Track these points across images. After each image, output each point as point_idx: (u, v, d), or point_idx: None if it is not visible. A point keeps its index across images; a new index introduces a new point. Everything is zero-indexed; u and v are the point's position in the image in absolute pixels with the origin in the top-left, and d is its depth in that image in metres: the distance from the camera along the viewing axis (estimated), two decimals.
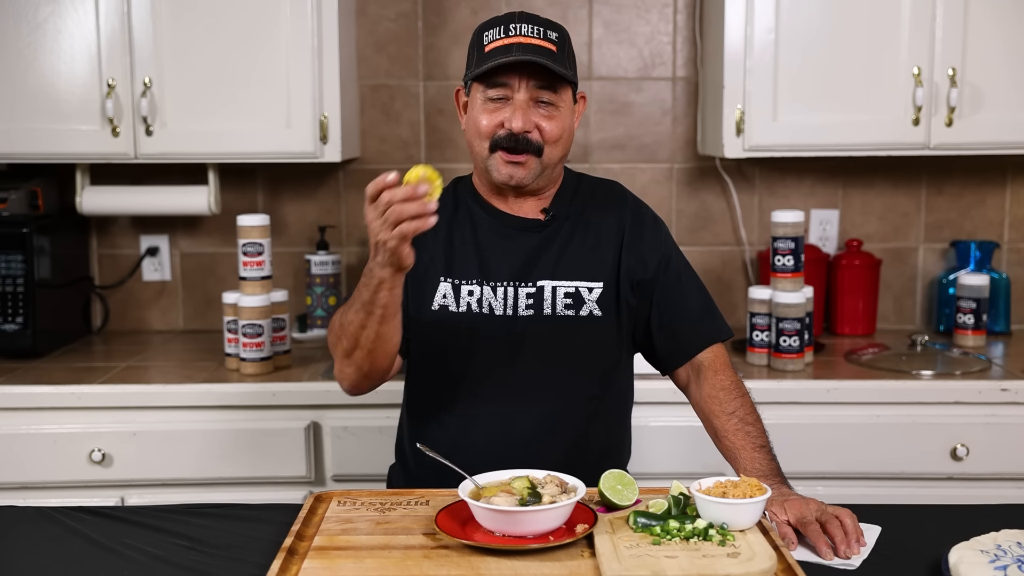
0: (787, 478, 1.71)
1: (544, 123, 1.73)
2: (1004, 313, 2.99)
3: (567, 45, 1.76)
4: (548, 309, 1.80)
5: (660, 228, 1.91)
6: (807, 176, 3.06)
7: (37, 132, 2.70)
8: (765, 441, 1.75)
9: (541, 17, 1.76)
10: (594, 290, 1.81)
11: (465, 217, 1.86)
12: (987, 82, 2.66)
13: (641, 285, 1.84)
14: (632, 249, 1.84)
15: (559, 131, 1.75)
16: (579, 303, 1.80)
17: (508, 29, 1.72)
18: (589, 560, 1.41)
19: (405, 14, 3.01)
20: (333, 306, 2.95)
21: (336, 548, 1.46)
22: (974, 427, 2.47)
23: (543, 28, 1.73)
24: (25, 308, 2.74)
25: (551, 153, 1.76)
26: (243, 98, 2.70)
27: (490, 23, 1.76)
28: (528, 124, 1.72)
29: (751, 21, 2.66)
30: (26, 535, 1.63)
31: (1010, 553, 1.40)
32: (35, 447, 2.47)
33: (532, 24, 1.73)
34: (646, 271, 1.84)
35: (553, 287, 1.80)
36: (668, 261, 1.87)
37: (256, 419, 2.51)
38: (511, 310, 1.79)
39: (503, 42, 1.71)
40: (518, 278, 1.80)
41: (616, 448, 1.91)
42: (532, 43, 1.70)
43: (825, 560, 1.49)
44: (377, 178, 1.50)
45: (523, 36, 1.71)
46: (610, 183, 1.95)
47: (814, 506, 1.57)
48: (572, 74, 1.75)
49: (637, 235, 1.86)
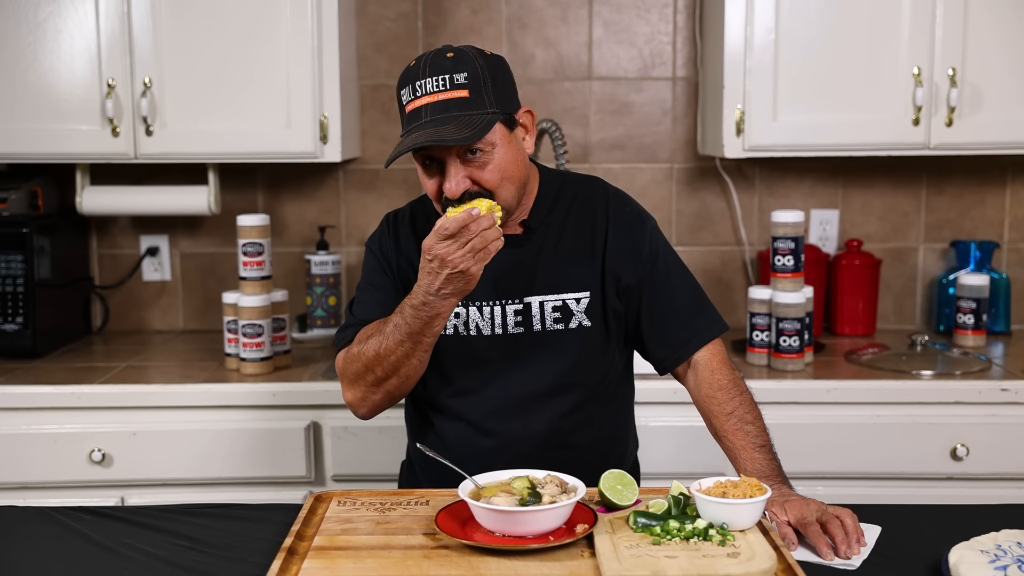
0: (788, 478, 1.71)
1: (479, 174, 1.66)
2: (1004, 313, 2.99)
3: (482, 78, 1.66)
4: (537, 325, 1.78)
5: (645, 224, 1.85)
6: (807, 176, 3.06)
7: (37, 132, 2.71)
8: (765, 440, 1.74)
9: (449, 57, 1.66)
10: (581, 300, 1.78)
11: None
12: (987, 82, 2.66)
13: (628, 291, 1.81)
14: (616, 253, 1.80)
15: (498, 175, 1.67)
16: (568, 316, 1.78)
17: (415, 89, 1.65)
18: (589, 560, 1.41)
19: (405, 14, 3.01)
20: (333, 307, 2.95)
21: (336, 548, 1.46)
22: (974, 427, 2.47)
23: (449, 75, 1.64)
24: (25, 308, 2.74)
25: (502, 194, 1.69)
26: (243, 98, 2.70)
27: (403, 78, 1.69)
28: (461, 185, 1.65)
29: (751, 21, 2.66)
30: (26, 535, 1.63)
31: (1010, 553, 1.40)
32: (35, 447, 2.47)
33: (437, 76, 1.65)
34: (632, 274, 1.80)
35: (540, 302, 1.78)
36: (654, 259, 1.82)
37: (256, 419, 2.51)
38: (500, 329, 1.77)
39: (415, 104, 1.65)
40: (503, 296, 1.77)
41: (620, 451, 1.91)
42: (440, 99, 1.64)
43: (825, 560, 1.49)
44: (457, 215, 1.57)
45: (429, 94, 1.64)
46: (591, 180, 1.89)
47: (814, 506, 1.57)
48: (492, 115, 1.65)
49: (620, 236, 1.81)
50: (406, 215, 1.88)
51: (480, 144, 1.65)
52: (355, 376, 1.76)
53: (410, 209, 1.89)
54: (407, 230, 1.85)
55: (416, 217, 1.86)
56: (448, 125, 1.61)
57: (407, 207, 1.90)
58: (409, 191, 3.05)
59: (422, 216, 1.86)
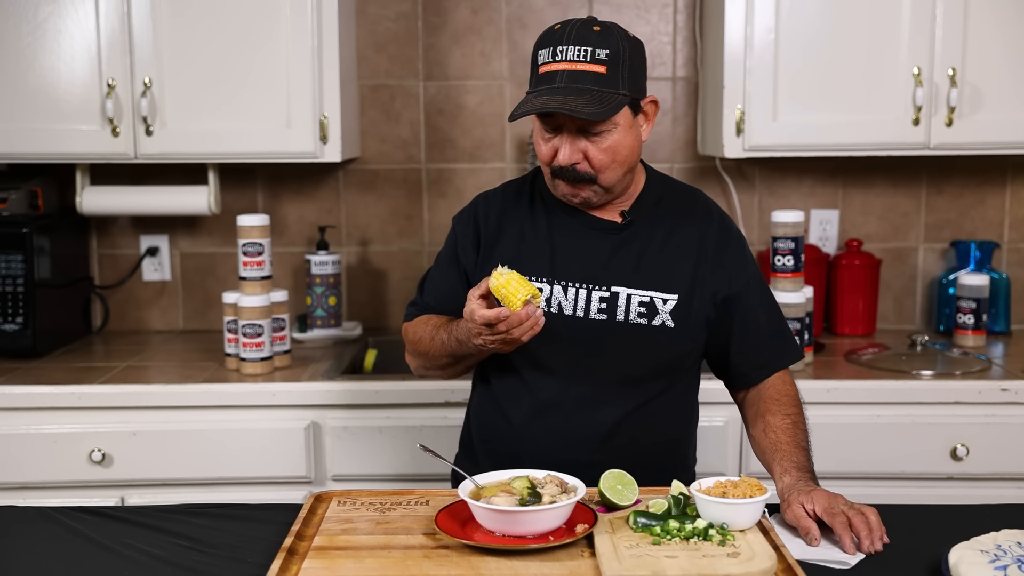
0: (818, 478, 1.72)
1: (592, 151, 1.70)
2: (1004, 313, 2.99)
3: (621, 59, 1.68)
4: (621, 316, 1.78)
5: (744, 246, 1.88)
6: (807, 176, 3.06)
7: (37, 132, 2.71)
8: (807, 445, 1.76)
9: (596, 30, 1.68)
10: (668, 301, 1.78)
11: (541, 213, 1.84)
12: (987, 82, 2.66)
13: (726, 302, 1.82)
14: (715, 263, 1.81)
15: (608, 158, 1.71)
16: (653, 312, 1.78)
17: (556, 52, 1.68)
18: (589, 560, 1.41)
19: (405, 14, 3.01)
20: (333, 307, 2.95)
21: (336, 548, 1.46)
22: (974, 427, 2.47)
23: (592, 48, 1.67)
24: (25, 308, 2.74)
25: (607, 177, 1.73)
26: (243, 98, 2.70)
27: (545, 38, 1.71)
28: (574, 156, 1.70)
29: (751, 21, 2.66)
30: (26, 535, 1.63)
31: (1010, 553, 1.40)
32: (35, 447, 2.47)
33: (580, 45, 1.67)
34: (731, 287, 1.82)
35: (628, 294, 1.78)
36: (751, 281, 1.85)
37: (256, 419, 2.51)
38: (582, 312, 1.78)
39: (550, 67, 1.68)
40: (591, 281, 1.79)
41: (682, 456, 1.90)
42: (577, 69, 1.66)
43: (827, 559, 1.49)
44: (487, 313, 1.63)
45: (569, 61, 1.67)
46: (694, 191, 1.92)
47: (841, 500, 1.58)
48: (622, 96, 1.68)
49: (722, 249, 1.83)
50: (499, 192, 1.92)
51: (604, 123, 1.68)
52: (410, 352, 1.91)
53: (503, 189, 1.93)
54: (514, 194, 1.90)
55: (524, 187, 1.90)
56: (581, 97, 1.65)
57: (500, 188, 1.95)
58: (409, 191, 3.05)
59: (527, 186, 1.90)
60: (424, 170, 3.05)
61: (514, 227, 1.84)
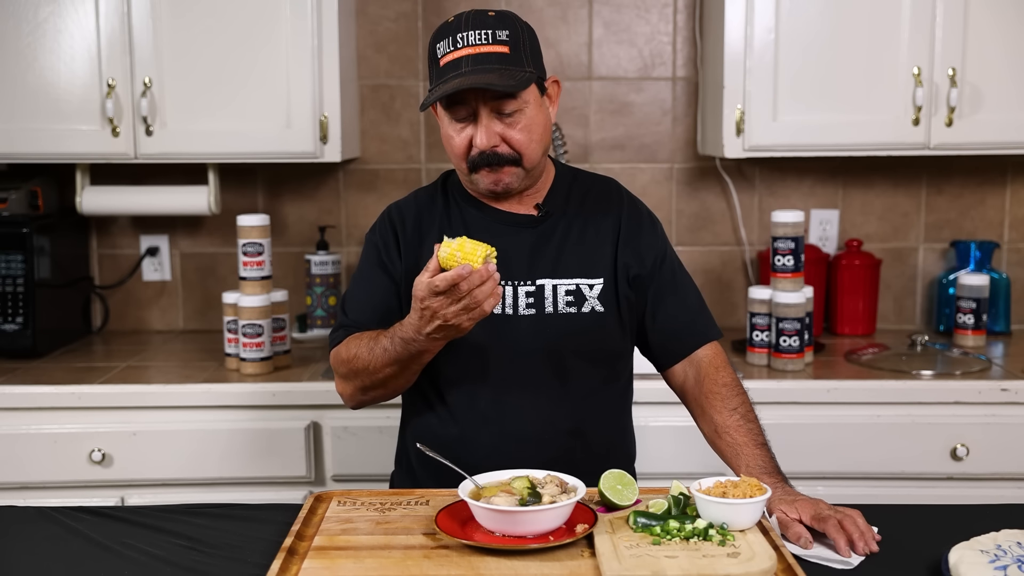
0: (787, 478, 1.71)
1: (510, 132, 1.71)
2: (1004, 313, 2.99)
3: (522, 39, 1.71)
4: (550, 307, 1.78)
5: (656, 225, 1.90)
6: (807, 176, 3.06)
7: (37, 132, 2.71)
8: (765, 440, 1.75)
9: (491, 15, 1.70)
10: (595, 286, 1.80)
11: (456, 215, 1.84)
12: (987, 82, 2.66)
13: (637, 280, 1.83)
14: (628, 245, 1.83)
15: (527, 137, 1.72)
16: (581, 300, 1.79)
17: (456, 40, 1.69)
18: (589, 560, 1.41)
19: (405, 14, 3.01)
20: (333, 307, 2.95)
21: (336, 548, 1.46)
22: (974, 427, 2.47)
23: (492, 30, 1.69)
24: (25, 308, 2.74)
25: (529, 157, 1.74)
26: (243, 98, 2.70)
27: (441, 31, 1.72)
28: (493, 139, 1.70)
29: (751, 21, 2.66)
30: (26, 535, 1.62)
31: (1010, 553, 1.40)
32: (35, 447, 2.47)
33: (480, 29, 1.68)
34: (642, 266, 1.83)
35: (554, 285, 1.79)
36: (663, 258, 1.86)
37: (256, 419, 2.51)
38: (510, 309, 1.78)
39: (452, 56, 1.69)
40: (516, 276, 1.79)
41: (620, 443, 1.91)
42: (481, 52, 1.67)
43: (828, 560, 1.49)
44: (447, 274, 1.53)
45: (471, 46, 1.68)
46: (605, 179, 1.93)
47: (824, 504, 1.58)
48: (529, 73, 1.70)
49: (634, 231, 1.85)
50: (411, 200, 1.91)
51: (515, 102, 1.69)
52: (344, 376, 1.79)
53: (414, 196, 1.91)
54: (427, 199, 1.88)
55: (420, 200, 1.89)
56: (491, 74, 1.66)
57: (411, 196, 1.93)
58: (409, 191, 3.04)
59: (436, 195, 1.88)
60: (424, 170, 3.05)
61: (433, 231, 1.82)
